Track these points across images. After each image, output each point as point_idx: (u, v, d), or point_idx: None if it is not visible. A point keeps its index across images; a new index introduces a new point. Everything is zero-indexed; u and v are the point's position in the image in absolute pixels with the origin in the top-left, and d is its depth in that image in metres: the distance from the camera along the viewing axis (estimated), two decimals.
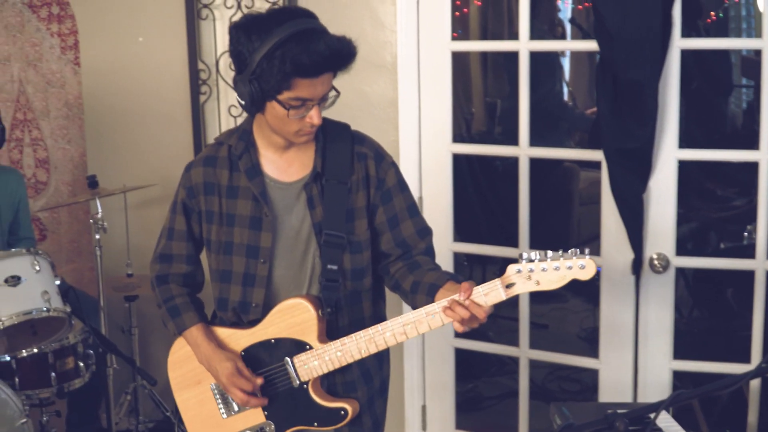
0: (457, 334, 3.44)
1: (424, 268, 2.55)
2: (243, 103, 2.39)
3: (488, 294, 2.33)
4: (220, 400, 2.64)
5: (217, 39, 4.18)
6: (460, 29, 6.29)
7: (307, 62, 2.26)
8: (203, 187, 2.59)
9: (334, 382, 2.61)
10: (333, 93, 2.44)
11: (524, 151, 3.67)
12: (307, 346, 2.50)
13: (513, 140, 3.69)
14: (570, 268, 2.29)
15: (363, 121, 3.95)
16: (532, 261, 2.31)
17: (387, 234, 2.58)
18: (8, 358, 3.46)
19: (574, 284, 2.36)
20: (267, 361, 2.56)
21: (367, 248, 2.58)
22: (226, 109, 4.22)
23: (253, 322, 2.58)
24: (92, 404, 4.14)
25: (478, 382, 4.77)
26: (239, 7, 4.08)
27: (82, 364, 3.79)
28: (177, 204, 2.66)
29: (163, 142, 4.36)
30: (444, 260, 3.90)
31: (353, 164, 2.56)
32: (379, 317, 2.69)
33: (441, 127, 3.81)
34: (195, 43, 4.18)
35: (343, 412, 2.55)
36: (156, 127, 4.37)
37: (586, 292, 4.06)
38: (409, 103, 3.84)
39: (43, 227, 5.12)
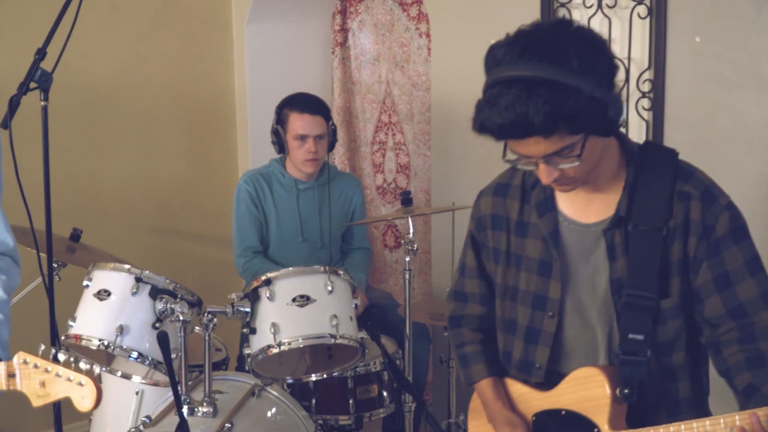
0: None
1: None
2: None
3: None
4: None
5: None
6: None
7: None
8: (491, 220, 2.28)
9: None
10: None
11: None
12: (596, 429, 2.08)
13: None
14: None
15: (735, 147, 3.23)
16: None
17: (714, 297, 2.02)
18: (290, 380, 3.25)
19: None
20: None
21: (677, 316, 2.05)
22: None
23: (544, 385, 2.22)
24: None
25: None
26: (600, 6, 3.52)
27: (386, 393, 3.53)
28: (468, 236, 2.39)
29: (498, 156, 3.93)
30: None
31: (672, 206, 2.03)
32: (701, 402, 2.16)
33: None
34: None
35: None
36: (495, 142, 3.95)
37: None
38: None
39: (398, 235, 4.94)
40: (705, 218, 2.00)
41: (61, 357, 1.97)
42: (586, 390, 2.09)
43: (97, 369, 2.00)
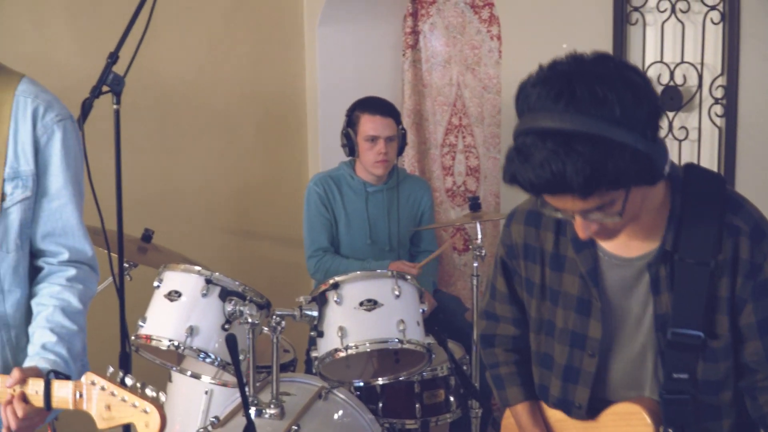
0: None
1: None
2: None
3: None
4: None
5: (647, 46, 3.59)
6: None
7: None
8: (523, 250, 2.13)
9: None
10: None
11: None
12: None
13: None
14: None
15: None
16: None
17: (755, 342, 1.92)
18: (361, 384, 3.26)
19: None
20: None
21: (728, 356, 1.94)
22: None
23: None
24: None
25: None
26: (673, 10, 3.45)
27: (452, 398, 3.51)
28: (497, 261, 2.25)
29: None
30: None
31: (721, 240, 1.89)
32: None
33: None
34: (622, 52, 3.64)
35: None
36: None
37: None
38: None
39: (467, 238, 4.91)
40: (753, 257, 1.88)
41: (128, 381, 1.94)
42: (630, 426, 2.03)
43: (163, 397, 1.96)
